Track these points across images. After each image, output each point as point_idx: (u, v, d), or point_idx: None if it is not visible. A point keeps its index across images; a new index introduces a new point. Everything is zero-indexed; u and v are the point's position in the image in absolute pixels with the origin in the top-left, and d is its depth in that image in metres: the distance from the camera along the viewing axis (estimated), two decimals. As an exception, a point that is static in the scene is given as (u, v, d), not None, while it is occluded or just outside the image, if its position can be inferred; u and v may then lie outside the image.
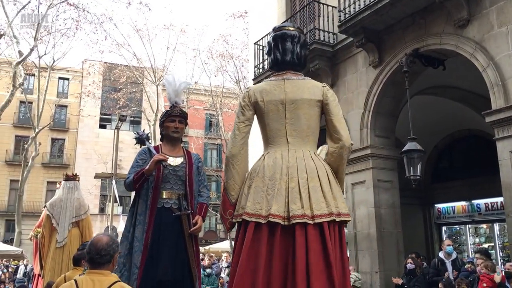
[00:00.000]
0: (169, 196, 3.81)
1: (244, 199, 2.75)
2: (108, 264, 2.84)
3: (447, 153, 13.61)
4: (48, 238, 7.80)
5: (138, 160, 3.92)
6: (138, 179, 3.73)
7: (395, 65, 9.00)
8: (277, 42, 2.97)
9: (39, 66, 24.94)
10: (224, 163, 2.85)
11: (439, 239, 13.40)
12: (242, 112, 2.85)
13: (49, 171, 32.01)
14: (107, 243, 2.86)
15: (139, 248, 3.67)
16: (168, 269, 3.65)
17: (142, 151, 4.01)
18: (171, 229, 3.74)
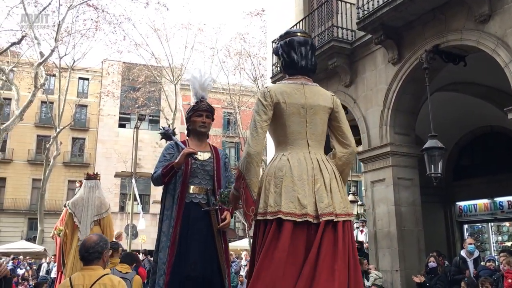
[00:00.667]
0: (197, 191, 3.78)
1: (272, 198, 2.77)
2: (97, 260, 3.23)
3: (469, 150, 13.40)
4: (70, 236, 7.94)
5: (166, 154, 3.88)
6: (167, 172, 3.69)
7: (414, 62, 8.90)
8: (295, 46, 3.01)
9: (60, 67, 25.36)
10: (245, 160, 2.77)
11: (461, 237, 13.22)
12: (264, 111, 2.87)
13: (70, 170, 32.52)
14: (95, 242, 3.26)
15: (166, 244, 3.64)
16: (197, 264, 3.60)
17: (169, 145, 3.96)
18: (199, 224, 3.70)
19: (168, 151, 3.91)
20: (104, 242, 3.31)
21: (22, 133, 31.11)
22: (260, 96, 2.90)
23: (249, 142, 2.84)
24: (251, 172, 2.80)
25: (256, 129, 2.84)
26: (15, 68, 24.39)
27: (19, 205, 31.11)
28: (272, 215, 2.73)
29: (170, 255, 3.59)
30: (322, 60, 10.49)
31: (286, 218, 2.70)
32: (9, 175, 31.39)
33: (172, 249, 3.60)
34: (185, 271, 3.56)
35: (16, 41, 18.82)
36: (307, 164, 2.84)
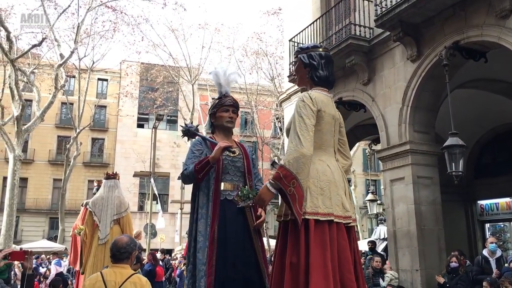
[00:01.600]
0: (230, 188, 3.67)
1: (321, 199, 2.94)
2: (127, 260, 3.47)
3: (490, 148, 13.18)
4: (90, 235, 8.04)
5: (194, 151, 3.72)
6: (202, 168, 3.53)
7: (434, 59, 8.78)
8: (328, 61, 3.25)
9: (79, 68, 25.70)
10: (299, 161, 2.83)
11: (482, 236, 13.01)
12: (312, 115, 2.99)
13: (90, 170, 32.95)
14: (126, 243, 3.50)
15: (204, 244, 3.48)
16: (237, 264, 3.48)
17: (197, 141, 3.80)
18: (236, 222, 3.58)
19: (197, 147, 3.74)
20: (134, 244, 3.59)
21: (43, 134, 31.62)
22: (307, 101, 3.01)
23: (301, 143, 2.87)
24: (304, 172, 2.87)
25: (308, 131, 2.93)
26: (35, 70, 24.80)
27: (40, 205, 31.63)
28: (323, 216, 2.89)
29: (210, 256, 3.44)
30: (339, 58, 10.43)
31: (336, 220, 2.94)
32: (31, 175, 31.93)
33: (211, 249, 3.46)
34: (225, 271, 3.44)
35: (37, 43, 19.09)
36: (336, 170, 3.10)
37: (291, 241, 2.89)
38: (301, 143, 2.87)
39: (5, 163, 23.29)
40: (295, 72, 3.39)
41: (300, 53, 3.24)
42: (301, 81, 3.31)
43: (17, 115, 17.73)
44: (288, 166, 2.83)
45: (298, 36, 12.15)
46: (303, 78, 3.25)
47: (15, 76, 17.56)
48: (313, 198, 2.90)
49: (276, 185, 2.87)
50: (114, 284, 3.27)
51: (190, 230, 3.71)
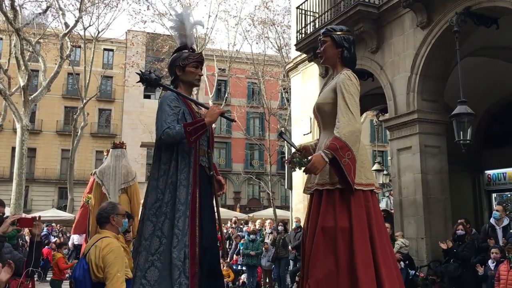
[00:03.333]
0: (202, 153, 3.42)
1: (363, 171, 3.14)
2: (106, 223, 3.66)
3: (500, 118, 13.01)
4: (97, 204, 8.11)
5: (173, 107, 3.31)
6: (196, 131, 3.20)
7: (444, 25, 8.59)
8: (355, 46, 3.41)
9: (85, 38, 25.50)
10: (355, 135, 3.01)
11: (489, 206, 13.00)
12: (357, 94, 3.17)
13: (97, 141, 33.13)
14: (102, 208, 3.70)
15: (185, 213, 3.21)
16: (212, 235, 3.37)
17: (173, 97, 3.38)
18: (206, 190, 3.41)
19: (174, 103, 3.34)
20: (111, 207, 3.72)
21: (50, 104, 31.69)
22: (354, 81, 3.17)
23: (355, 119, 3.06)
24: (356, 146, 3.04)
25: (358, 108, 3.12)
26: (41, 40, 24.65)
27: (49, 175, 31.98)
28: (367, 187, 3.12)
29: (192, 225, 3.21)
30: (348, 25, 10.16)
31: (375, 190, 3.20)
32: (39, 146, 32.17)
33: (193, 218, 3.22)
34: (203, 242, 3.24)
35: (41, 11, 18.92)
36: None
37: (338, 208, 3.03)
38: (355, 118, 3.04)
39: (13, 133, 23.43)
40: (322, 51, 3.36)
41: (333, 33, 3.31)
42: (328, 60, 3.39)
43: (23, 85, 17.72)
44: (344, 138, 2.96)
45: (306, 3, 11.93)
46: (332, 58, 3.33)
47: (21, 46, 17.47)
48: (358, 171, 3.04)
49: (331, 155, 2.96)
50: (87, 248, 3.59)
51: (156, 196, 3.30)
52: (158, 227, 3.21)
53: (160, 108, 3.32)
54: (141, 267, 3.18)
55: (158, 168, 3.35)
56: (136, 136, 30.86)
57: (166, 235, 3.17)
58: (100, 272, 3.42)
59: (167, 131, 3.19)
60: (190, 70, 3.49)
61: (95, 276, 3.44)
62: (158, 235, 3.19)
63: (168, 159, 3.33)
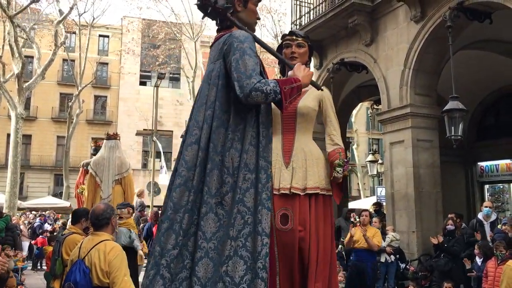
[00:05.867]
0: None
1: None
2: (106, 226, 3.58)
3: (493, 110, 13.07)
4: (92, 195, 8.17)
5: (255, 55, 2.50)
6: (292, 93, 2.45)
7: (438, 20, 8.57)
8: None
9: (80, 24, 25.30)
10: None
11: (481, 198, 13.12)
12: None
13: (93, 128, 33.04)
14: (103, 210, 3.61)
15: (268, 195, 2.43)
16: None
17: (250, 38, 2.53)
18: None
19: (255, 49, 2.53)
20: (111, 209, 3.68)
21: (45, 91, 31.53)
22: None
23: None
24: None
25: None
26: (35, 26, 24.44)
27: (45, 162, 31.95)
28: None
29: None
30: (342, 18, 10.22)
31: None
32: (35, 132, 32.09)
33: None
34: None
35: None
36: None
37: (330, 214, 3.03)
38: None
39: (8, 119, 23.37)
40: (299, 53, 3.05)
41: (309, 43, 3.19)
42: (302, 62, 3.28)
43: (17, 72, 17.64)
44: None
45: (301, -7, 11.85)
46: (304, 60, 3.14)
47: (14, 33, 17.34)
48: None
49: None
50: (85, 251, 3.48)
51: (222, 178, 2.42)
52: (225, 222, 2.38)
53: (242, 51, 2.42)
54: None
55: (225, 137, 2.46)
56: (132, 123, 30.83)
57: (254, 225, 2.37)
58: (105, 277, 3.37)
59: (259, 86, 2.35)
60: (252, 8, 2.68)
61: (99, 281, 3.39)
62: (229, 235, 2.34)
63: (241, 126, 2.48)
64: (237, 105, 2.45)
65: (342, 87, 11.97)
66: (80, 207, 7.91)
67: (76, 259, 3.50)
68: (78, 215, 5.03)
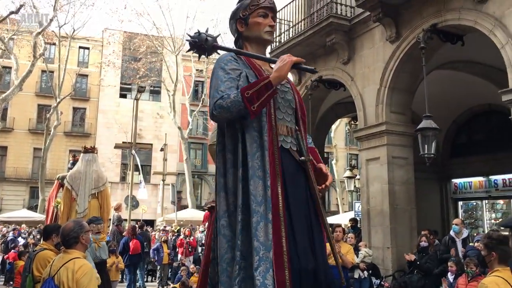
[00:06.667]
0: (285, 132, 2.44)
1: None
2: (75, 244, 3.57)
3: (466, 128, 13.42)
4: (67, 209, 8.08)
5: (229, 70, 2.39)
6: (259, 94, 2.24)
7: (412, 41, 8.82)
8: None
9: (59, 36, 25.14)
10: None
11: (455, 214, 13.38)
12: None
13: (71, 140, 32.65)
14: (71, 229, 3.59)
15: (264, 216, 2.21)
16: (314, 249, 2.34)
17: (229, 57, 2.47)
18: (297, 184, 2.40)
19: (232, 65, 2.41)
20: (79, 227, 3.64)
21: (23, 102, 31.10)
22: None
23: None
24: None
25: None
26: (14, 36, 24.20)
27: (20, 174, 31.39)
28: None
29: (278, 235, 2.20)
30: (320, 36, 10.42)
31: None
32: (10, 144, 31.55)
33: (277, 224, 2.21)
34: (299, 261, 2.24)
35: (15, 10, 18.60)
36: None
37: None
38: None
39: (-16, 131, 22.99)
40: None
41: None
42: None
43: (-6, 84, 17.42)
44: None
45: (281, 12, 12.02)
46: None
47: (-8, 44, 17.17)
48: None
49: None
50: (55, 269, 3.48)
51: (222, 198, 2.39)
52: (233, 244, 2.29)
53: (213, 75, 2.44)
54: None
55: (224, 159, 2.42)
56: (111, 136, 30.57)
57: (244, 254, 2.23)
58: None
59: (219, 103, 2.28)
60: (255, 21, 2.56)
61: None
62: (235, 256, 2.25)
63: (235, 145, 2.39)
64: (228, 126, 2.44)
65: (320, 104, 12.16)
66: (50, 223, 7.83)
67: (47, 277, 3.49)
68: (49, 231, 4.97)
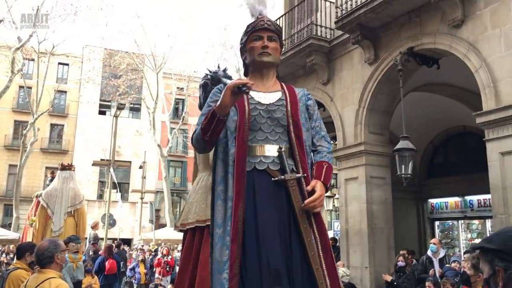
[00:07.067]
0: (262, 153, 2.40)
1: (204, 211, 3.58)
2: (50, 264, 3.51)
3: (442, 149, 13.69)
4: (42, 227, 7.93)
5: (210, 103, 2.49)
6: (208, 124, 2.31)
7: (390, 63, 9.02)
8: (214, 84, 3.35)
9: (39, 52, 24.91)
10: None
11: (432, 234, 13.54)
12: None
13: (48, 157, 32.10)
14: (45, 248, 3.54)
15: (222, 240, 2.28)
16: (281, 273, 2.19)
17: (216, 90, 2.56)
18: (272, 204, 2.32)
19: (215, 98, 2.48)
20: (54, 246, 3.59)
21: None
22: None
23: None
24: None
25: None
26: (-8, 52, 23.90)
27: (-6, 191, 30.68)
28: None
29: (233, 260, 2.22)
30: (300, 57, 10.58)
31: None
32: (-15, 160, 30.89)
33: (234, 249, 2.23)
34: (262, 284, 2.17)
35: (-7, 25, 18.43)
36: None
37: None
38: None
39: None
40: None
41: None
42: None
43: (-30, 99, 17.12)
44: None
45: (261, 33, 12.19)
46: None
47: (-31, 59, 16.92)
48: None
49: None
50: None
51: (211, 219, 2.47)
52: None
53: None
54: None
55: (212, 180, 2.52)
56: (89, 153, 30.17)
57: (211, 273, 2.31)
58: None
59: (194, 135, 2.45)
60: (250, 46, 2.52)
61: None
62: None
63: (213, 169, 2.49)
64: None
65: (300, 124, 12.25)
66: (24, 242, 7.66)
67: None
68: (22, 250, 4.89)
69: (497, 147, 6.98)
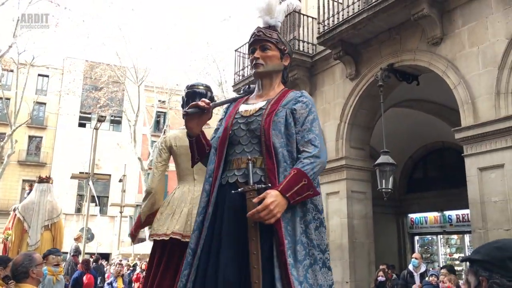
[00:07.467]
0: (238, 166, 2.35)
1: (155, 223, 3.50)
2: (25, 278, 3.50)
3: (422, 164, 13.87)
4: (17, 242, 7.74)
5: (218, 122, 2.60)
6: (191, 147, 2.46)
7: (371, 79, 9.15)
8: (189, 98, 3.53)
9: (18, 62, 24.60)
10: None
11: (412, 248, 13.64)
12: (159, 154, 3.66)
13: (25, 169, 31.52)
14: (19, 263, 3.55)
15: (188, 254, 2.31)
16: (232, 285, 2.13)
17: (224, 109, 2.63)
18: (233, 217, 2.25)
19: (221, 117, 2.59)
20: (29, 261, 3.57)
21: (-25, 129, 29.97)
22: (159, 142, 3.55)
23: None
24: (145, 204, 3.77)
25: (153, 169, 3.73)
26: (-30, 62, 23.51)
27: (-31, 204, 29.92)
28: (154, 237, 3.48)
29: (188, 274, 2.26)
30: (282, 71, 10.63)
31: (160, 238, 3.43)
32: (-40, 172, 30.14)
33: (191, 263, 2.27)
34: None
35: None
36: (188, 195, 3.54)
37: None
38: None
39: None
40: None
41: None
42: None
43: None
44: None
45: (244, 47, 12.27)
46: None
47: None
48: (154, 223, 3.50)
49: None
50: None
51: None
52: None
53: None
54: None
55: None
56: (67, 166, 29.73)
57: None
58: None
59: None
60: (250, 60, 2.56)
61: None
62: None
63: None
64: None
65: (282, 138, 12.29)
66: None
67: None
68: None
69: (475, 163, 7.09)
